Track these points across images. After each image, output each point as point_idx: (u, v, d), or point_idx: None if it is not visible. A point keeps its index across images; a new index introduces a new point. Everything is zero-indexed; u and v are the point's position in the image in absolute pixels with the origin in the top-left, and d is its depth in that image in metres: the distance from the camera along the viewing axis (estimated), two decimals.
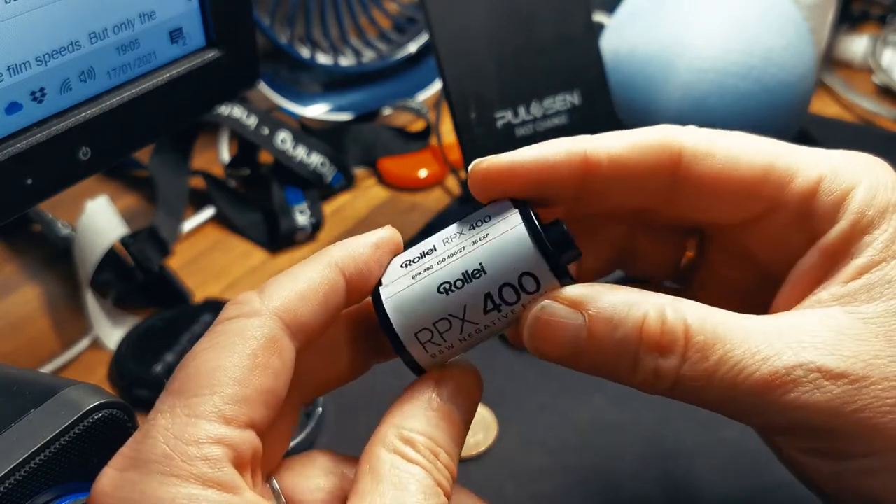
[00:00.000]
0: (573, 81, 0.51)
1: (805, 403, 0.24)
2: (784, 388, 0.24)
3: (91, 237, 0.51)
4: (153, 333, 0.51)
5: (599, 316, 0.25)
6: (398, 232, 0.28)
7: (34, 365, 0.49)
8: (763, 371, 0.24)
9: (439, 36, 0.48)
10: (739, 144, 0.27)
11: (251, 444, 0.23)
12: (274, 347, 0.24)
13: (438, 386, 0.26)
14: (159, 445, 0.22)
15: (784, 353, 0.24)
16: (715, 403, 0.25)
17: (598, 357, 0.25)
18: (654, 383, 0.25)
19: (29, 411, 0.28)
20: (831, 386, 0.24)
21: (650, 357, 0.25)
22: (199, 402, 0.23)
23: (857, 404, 0.24)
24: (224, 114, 0.63)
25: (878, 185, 0.27)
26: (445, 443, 0.25)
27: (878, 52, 0.79)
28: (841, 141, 0.68)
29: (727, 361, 0.24)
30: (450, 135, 0.63)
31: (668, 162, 0.27)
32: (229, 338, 0.24)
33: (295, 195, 0.62)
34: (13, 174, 0.35)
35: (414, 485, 0.23)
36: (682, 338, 0.24)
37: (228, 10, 0.43)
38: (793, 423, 0.25)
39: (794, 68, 0.57)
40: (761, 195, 0.27)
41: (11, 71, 0.35)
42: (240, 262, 0.59)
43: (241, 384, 0.23)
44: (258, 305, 0.25)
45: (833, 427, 0.24)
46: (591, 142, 0.27)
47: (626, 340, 0.25)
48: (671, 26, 0.57)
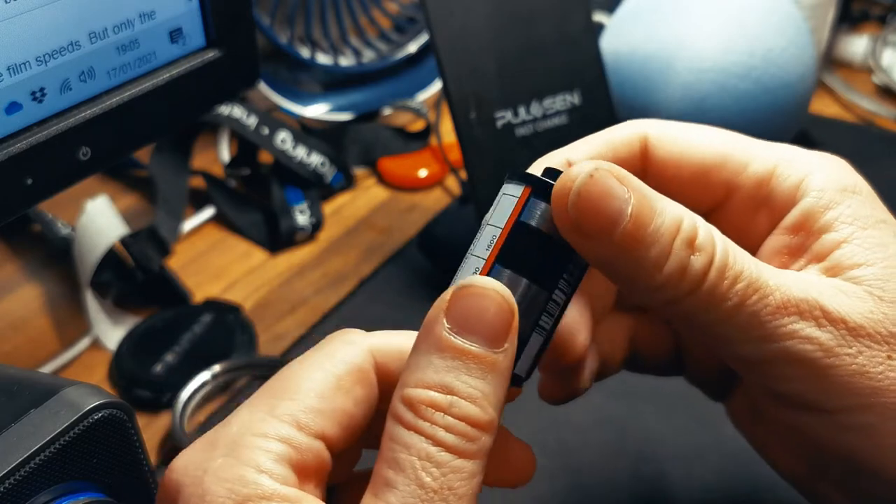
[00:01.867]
0: (573, 81, 0.51)
1: (808, 336, 0.25)
2: (793, 316, 0.25)
3: (91, 237, 0.51)
4: (153, 333, 0.51)
5: (645, 198, 0.24)
6: None
7: (34, 365, 0.49)
8: (777, 295, 0.25)
9: (439, 36, 0.48)
10: (699, 133, 0.30)
11: (318, 453, 0.24)
12: (360, 376, 0.26)
13: (445, 319, 0.23)
14: (231, 431, 0.24)
15: (795, 287, 0.25)
16: (722, 320, 0.25)
17: (634, 239, 0.24)
18: (679, 281, 0.24)
19: (29, 411, 0.28)
20: (830, 327, 0.25)
21: (683, 251, 0.24)
22: (278, 403, 0.24)
23: (852, 350, 0.25)
24: (224, 114, 0.63)
25: (833, 169, 0.28)
26: (463, 385, 0.22)
27: (878, 52, 0.79)
28: (841, 141, 0.69)
29: (746, 277, 0.25)
30: (450, 135, 0.63)
31: (638, 150, 0.29)
32: (321, 356, 0.26)
33: (295, 195, 0.62)
34: (13, 174, 0.35)
35: (409, 461, 0.22)
36: (712, 244, 0.25)
37: (228, 10, 0.43)
38: (791, 357, 0.25)
39: (794, 68, 0.57)
40: (719, 179, 0.29)
41: (11, 71, 0.35)
42: (240, 262, 0.59)
43: (320, 398, 0.24)
44: (358, 337, 0.26)
45: (827, 371, 0.25)
46: (571, 151, 0.29)
47: (664, 228, 0.24)
48: (671, 26, 0.57)
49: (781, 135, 0.60)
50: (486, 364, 0.23)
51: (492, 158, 0.49)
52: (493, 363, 0.23)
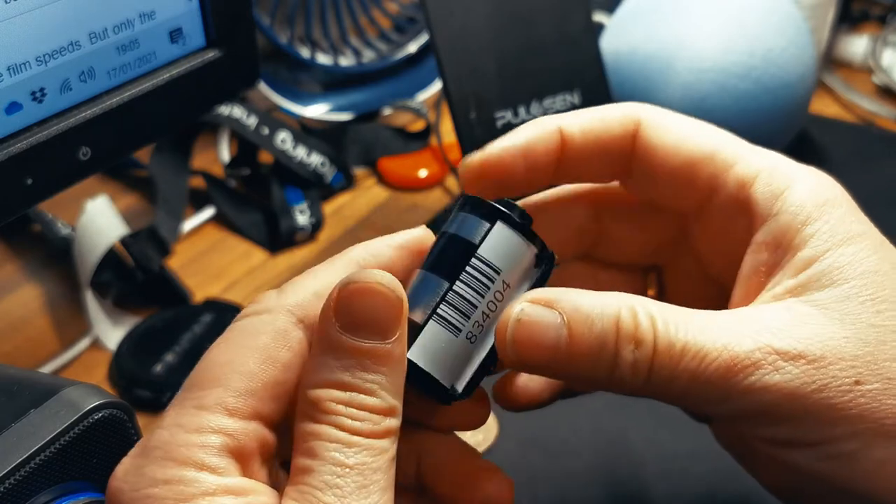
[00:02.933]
0: (573, 81, 0.51)
1: (765, 385, 0.25)
2: (745, 371, 0.25)
3: (91, 237, 0.51)
4: (153, 333, 0.51)
5: (577, 313, 0.25)
6: (430, 233, 0.28)
7: (34, 365, 0.49)
8: (724, 357, 0.25)
9: (439, 36, 0.48)
10: (692, 126, 0.30)
11: (256, 434, 0.24)
12: (284, 341, 0.25)
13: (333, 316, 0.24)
14: (163, 434, 0.23)
15: (743, 340, 0.25)
16: (682, 394, 0.25)
17: (579, 356, 0.25)
18: (632, 378, 0.25)
19: (29, 411, 0.28)
20: (790, 367, 0.25)
21: (628, 349, 0.25)
22: (205, 394, 0.24)
23: (815, 384, 0.25)
24: (224, 114, 0.63)
25: (814, 182, 0.29)
26: (358, 381, 0.23)
27: (878, 52, 0.79)
28: (841, 141, 0.69)
29: (689, 350, 0.25)
30: (450, 135, 0.63)
31: (631, 130, 0.30)
32: (240, 334, 0.25)
33: (295, 195, 0.62)
34: (13, 174, 0.36)
35: (323, 447, 0.23)
36: (652, 329, 0.25)
37: (228, 11, 0.43)
38: (756, 409, 0.25)
39: (794, 68, 0.57)
40: (704, 174, 0.29)
41: (11, 71, 0.35)
42: (240, 262, 0.59)
43: (247, 377, 0.24)
44: (272, 303, 0.26)
45: (795, 411, 0.25)
46: (564, 118, 0.30)
47: (604, 334, 0.25)
48: (671, 26, 0.57)
49: (781, 135, 0.60)
50: (379, 356, 0.24)
51: None
52: (386, 354, 0.24)
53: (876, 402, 0.25)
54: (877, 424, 0.25)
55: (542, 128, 0.30)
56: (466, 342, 0.26)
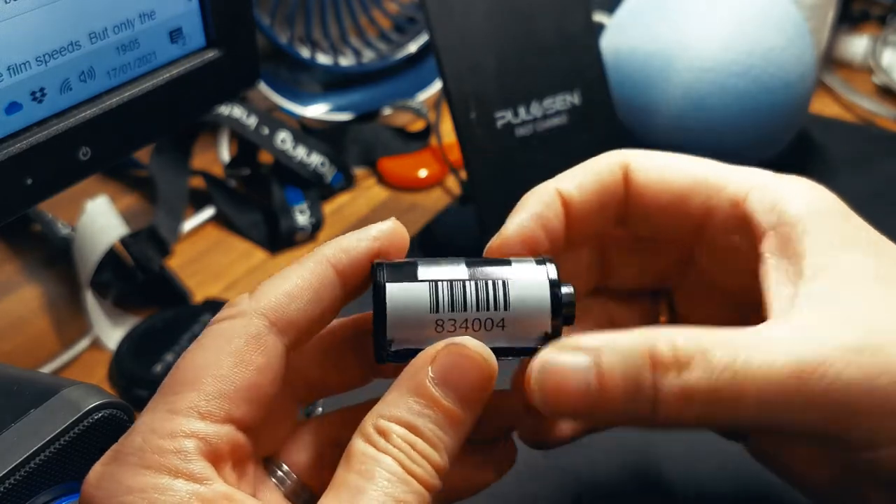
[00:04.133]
0: (573, 81, 0.51)
1: (845, 383, 0.24)
2: (818, 371, 0.24)
3: (91, 237, 0.51)
4: (153, 333, 0.51)
5: (604, 351, 0.25)
6: (401, 225, 0.28)
7: (34, 365, 0.49)
8: (791, 362, 0.24)
9: (439, 36, 0.48)
10: (677, 160, 0.31)
11: (229, 438, 0.24)
12: (257, 345, 0.25)
13: (430, 367, 0.25)
14: (136, 440, 0.23)
15: (805, 344, 0.24)
16: (753, 414, 0.24)
17: (613, 396, 0.24)
18: (684, 407, 0.24)
19: (29, 411, 0.28)
20: (860, 359, 0.24)
21: (670, 376, 0.24)
22: (177, 399, 0.24)
23: (888, 374, 0.24)
24: (224, 114, 0.63)
25: (806, 193, 0.29)
26: (428, 432, 0.24)
27: (878, 52, 0.79)
28: (841, 141, 0.69)
29: (752, 363, 0.24)
30: (450, 135, 0.63)
31: (621, 177, 0.31)
32: (213, 338, 0.25)
33: (295, 195, 0.62)
34: (13, 174, 0.36)
35: (380, 472, 0.23)
36: (701, 351, 0.24)
37: (228, 11, 0.43)
38: (838, 411, 0.24)
39: (794, 68, 0.57)
40: (697, 201, 0.30)
41: (11, 71, 0.35)
42: (240, 262, 0.59)
43: (220, 381, 0.24)
44: (245, 306, 0.26)
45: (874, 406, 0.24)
46: (558, 181, 0.31)
47: (638, 367, 0.24)
48: (671, 26, 0.57)
49: (781, 135, 0.60)
50: (454, 420, 0.25)
51: (492, 158, 0.49)
52: (459, 421, 0.25)
53: None
54: None
55: (543, 195, 0.30)
56: (433, 325, 0.26)
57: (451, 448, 0.25)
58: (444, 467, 0.25)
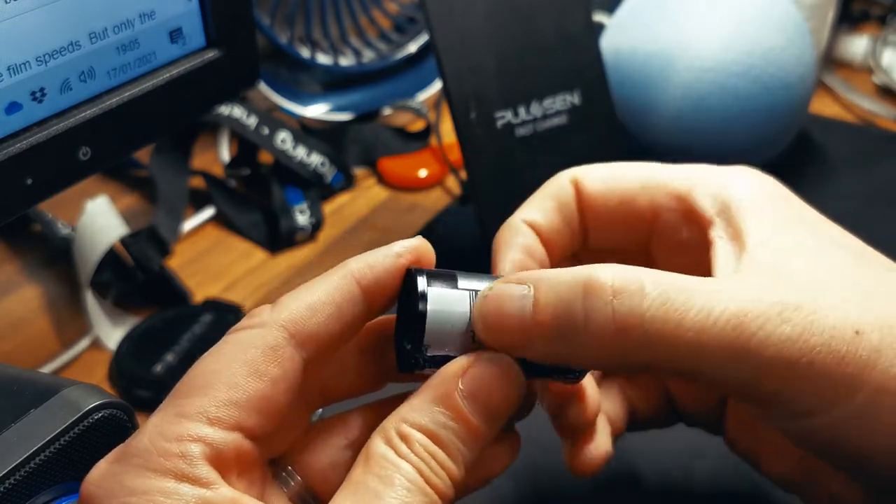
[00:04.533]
0: (573, 81, 0.51)
1: (779, 340, 0.24)
2: (756, 323, 0.24)
3: (91, 237, 0.51)
4: (153, 333, 0.51)
5: (542, 281, 0.25)
6: (427, 242, 0.28)
7: (34, 365, 0.49)
8: (731, 309, 0.24)
9: (439, 36, 0.48)
10: (621, 167, 0.32)
11: (236, 445, 0.24)
12: (274, 356, 0.25)
13: (460, 379, 0.25)
14: (143, 441, 0.23)
15: (744, 293, 0.25)
16: (687, 357, 0.24)
17: (546, 323, 0.25)
18: (616, 337, 0.24)
19: (29, 411, 0.28)
20: (796, 317, 0.24)
21: (601, 301, 0.24)
22: (188, 402, 0.24)
23: (821, 336, 0.24)
24: (224, 114, 0.63)
25: (747, 177, 0.30)
26: (450, 444, 0.24)
27: (878, 52, 0.79)
28: (841, 141, 0.69)
29: (694, 304, 0.24)
30: (450, 135, 0.63)
31: (573, 193, 0.32)
32: (231, 346, 0.25)
33: (295, 195, 0.62)
34: (13, 174, 0.36)
35: (399, 479, 0.23)
36: (638, 283, 0.24)
37: (228, 11, 0.43)
38: (770, 370, 0.24)
39: (794, 68, 0.57)
40: (643, 202, 0.31)
41: (11, 71, 0.35)
42: (240, 262, 0.59)
43: (233, 389, 0.24)
44: (266, 317, 0.26)
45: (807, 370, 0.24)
46: (523, 213, 0.32)
47: (571, 294, 0.24)
48: (671, 26, 0.57)
49: (781, 135, 0.60)
50: (477, 436, 0.25)
51: (492, 158, 0.49)
52: (482, 437, 0.25)
53: (876, 353, 0.24)
54: (883, 376, 0.24)
55: (515, 229, 0.31)
56: (468, 333, 0.26)
57: (469, 461, 0.25)
58: (460, 480, 0.25)
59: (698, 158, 0.52)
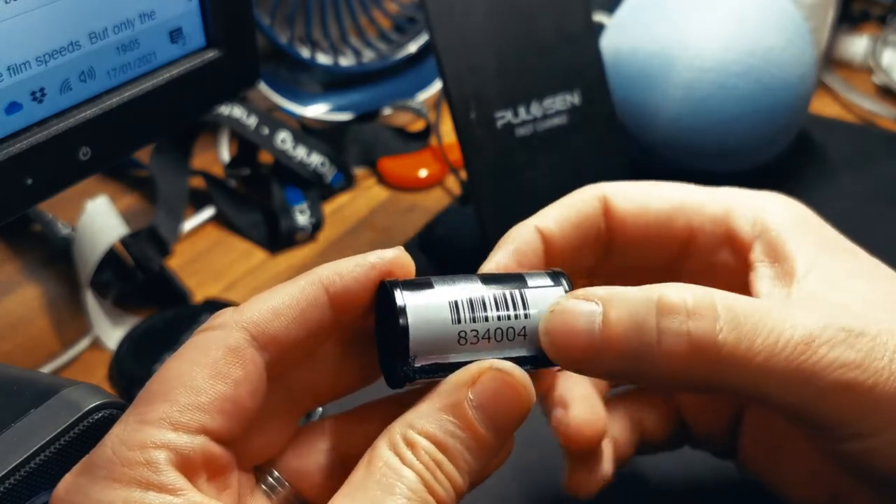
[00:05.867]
0: (573, 81, 0.51)
1: (845, 362, 0.24)
2: (825, 346, 0.24)
3: (91, 237, 0.51)
4: (153, 333, 0.51)
5: (612, 297, 0.25)
6: (406, 254, 0.27)
7: (34, 365, 0.49)
8: (799, 333, 0.24)
9: (439, 36, 0.48)
10: (654, 187, 0.32)
11: (202, 449, 0.24)
12: (235, 358, 0.25)
13: (470, 388, 0.25)
14: (106, 451, 0.23)
15: (809, 318, 0.25)
16: (754, 379, 0.24)
17: (618, 339, 0.24)
18: (688, 357, 0.24)
19: (29, 411, 0.28)
20: (860, 342, 0.25)
21: (677, 321, 0.24)
22: (150, 409, 0.23)
23: (883, 360, 0.25)
24: (224, 114, 0.63)
25: (784, 204, 0.31)
26: (457, 453, 0.24)
27: (878, 52, 0.79)
28: (841, 141, 0.69)
29: (763, 328, 0.24)
30: (450, 135, 0.63)
31: (600, 209, 0.31)
32: (191, 350, 0.25)
33: (295, 195, 0.62)
34: (13, 174, 0.36)
35: (401, 488, 0.23)
36: (711, 306, 0.24)
37: (228, 11, 0.43)
38: (836, 390, 0.24)
39: (794, 68, 0.57)
40: (680, 223, 0.31)
41: (11, 71, 0.35)
42: (240, 262, 0.59)
43: (194, 392, 0.24)
44: (227, 319, 0.25)
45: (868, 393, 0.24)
46: (537, 219, 0.31)
47: (643, 312, 0.24)
48: (671, 26, 0.57)
49: (781, 135, 0.60)
50: (485, 447, 0.24)
51: (492, 158, 0.49)
52: (489, 448, 0.24)
53: None
54: None
55: (523, 233, 0.31)
56: (456, 337, 0.25)
57: (474, 472, 0.24)
58: (464, 491, 0.24)
59: (698, 158, 0.52)
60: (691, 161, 0.58)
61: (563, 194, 0.33)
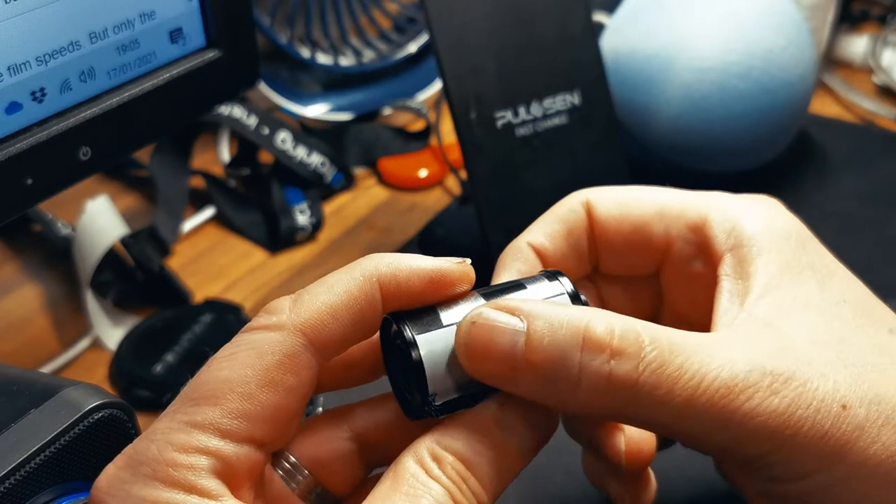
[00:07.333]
0: (573, 81, 0.51)
1: (766, 410, 0.24)
2: (745, 393, 0.24)
3: (91, 237, 0.51)
4: (153, 333, 0.51)
5: (539, 320, 0.24)
6: (469, 267, 0.26)
7: (34, 365, 0.49)
8: (723, 378, 0.24)
9: (439, 36, 0.48)
10: (635, 191, 0.32)
11: (248, 459, 0.23)
12: (290, 364, 0.24)
13: (499, 408, 0.25)
14: (152, 449, 0.23)
15: (737, 362, 0.24)
16: (673, 419, 0.24)
17: (537, 366, 0.24)
18: (606, 395, 0.24)
19: (29, 411, 0.28)
20: (785, 390, 0.24)
21: (599, 359, 0.24)
22: (199, 411, 0.23)
23: (809, 409, 0.24)
24: (224, 114, 0.63)
25: (763, 213, 0.29)
26: (482, 471, 0.24)
27: (878, 52, 0.79)
28: (841, 141, 0.69)
29: (687, 370, 0.24)
30: (450, 135, 0.63)
31: (584, 216, 0.31)
32: (246, 350, 0.24)
33: (295, 195, 0.62)
34: (13, 174, 0.36)
35: (428, 500, 0.23)
36: (637, 344, 0.24)
37: (228, 11, 0.43)
38: (754, 437, 0.24)
39: (794, 68, 0.57)
40: (658, 230, 0.31)
41: (11, 71, 0.35)
42: (240, 262, 0.59)
43: (246, 399, 0.23)
44: (285, 318, 0.24)
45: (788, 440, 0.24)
46: (529, 235, 0.31)
47: (566, 343, 0.24)
48: (671, 26, 0.57)
49: (781, 135, 0.60)
50: (510, 464, 0.25)
51: (492, 158, 0.49)
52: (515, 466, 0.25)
53: (859, 430, 0.24)
54: (863, 453, 0.24)
55: (518, 252, 0.31)
56: None
57: (499, 491, 0.24)
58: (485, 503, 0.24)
59: (698, 158, 0.52)
60: (691, 161, 0.58)
61: (563, 194, 0.33)
